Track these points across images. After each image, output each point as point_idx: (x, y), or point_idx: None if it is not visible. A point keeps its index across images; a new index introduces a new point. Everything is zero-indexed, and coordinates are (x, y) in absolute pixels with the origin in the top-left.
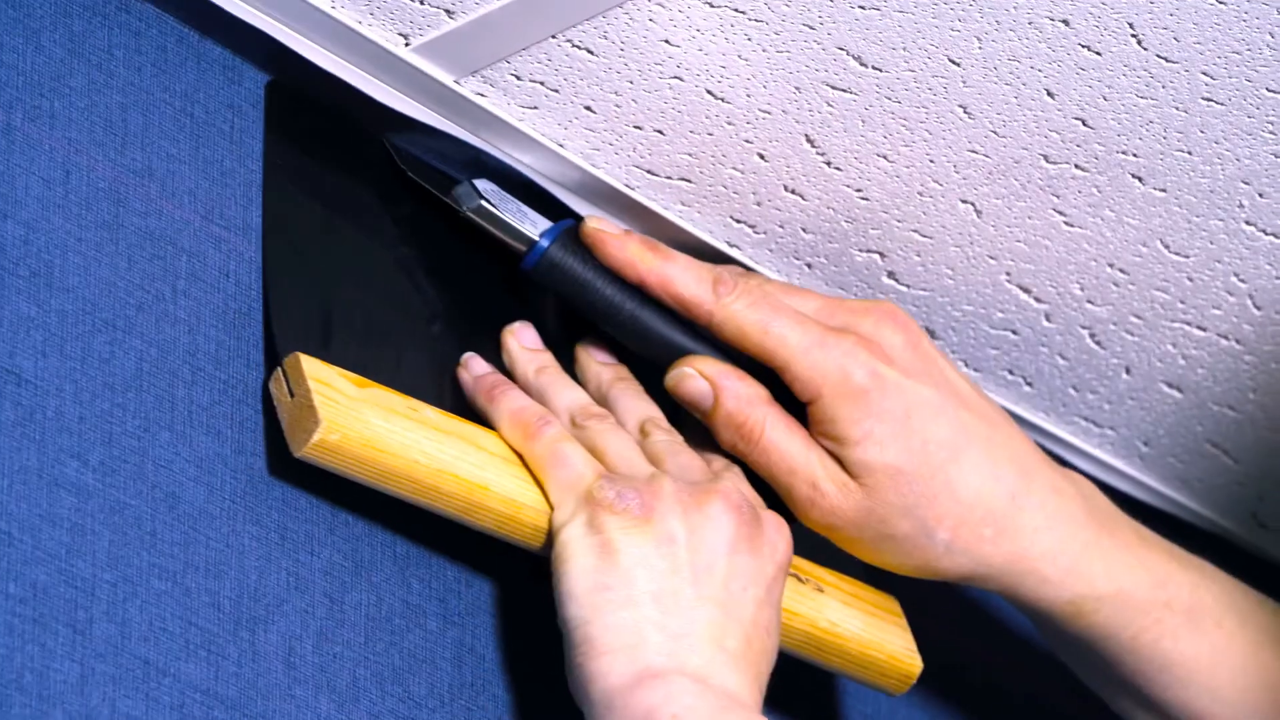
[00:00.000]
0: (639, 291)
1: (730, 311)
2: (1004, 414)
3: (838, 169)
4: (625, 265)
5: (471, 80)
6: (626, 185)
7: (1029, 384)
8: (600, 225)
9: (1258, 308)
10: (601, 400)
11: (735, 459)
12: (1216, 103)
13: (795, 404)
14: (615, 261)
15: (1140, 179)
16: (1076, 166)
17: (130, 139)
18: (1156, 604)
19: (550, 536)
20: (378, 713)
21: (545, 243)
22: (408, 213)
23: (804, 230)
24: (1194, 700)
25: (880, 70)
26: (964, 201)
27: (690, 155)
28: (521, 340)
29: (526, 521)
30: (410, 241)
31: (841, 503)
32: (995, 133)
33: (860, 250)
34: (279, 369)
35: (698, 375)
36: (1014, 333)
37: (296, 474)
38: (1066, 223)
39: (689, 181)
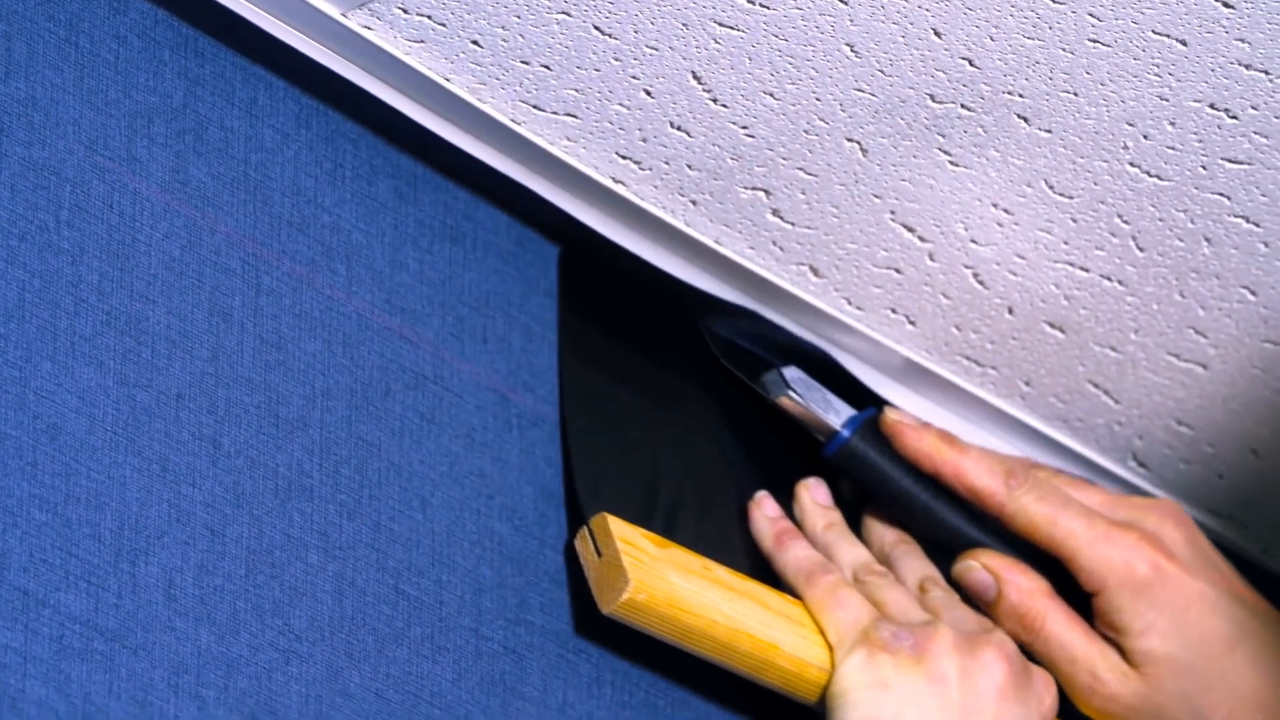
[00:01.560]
0: (933, 482)
1: (1021, 504)
2: (1275, 611)
3: (724, 106)
4: (922, 457)
5: (358, 14)
6: (512, 120)
7: (912, 323)
8: (900, 417)
9: (1140, 249)
10: (884, 560)
11: None
12: (1103, 44)
13: (1074, 598)
14: (913, 452)
15: (1026, 119)
16: (962, 106)
17: (14, 69)
18: None
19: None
20: (257, 645)
21: (846, 433)
22: (709, 387)
23: (689, 167)
24: None
25: (767, 8)
26: (849, 140)
27: (576, 91)
28: (815, 496)
29: (810, 679)
30: (710, 414)
31: (1121, 690)
32: (882, 71)
33: (745, 188)
34: (585, 528)
35: (981, 568)
36: (898, 271)
37: (175, 407)
38: (952, 162)
39: (575, 117)
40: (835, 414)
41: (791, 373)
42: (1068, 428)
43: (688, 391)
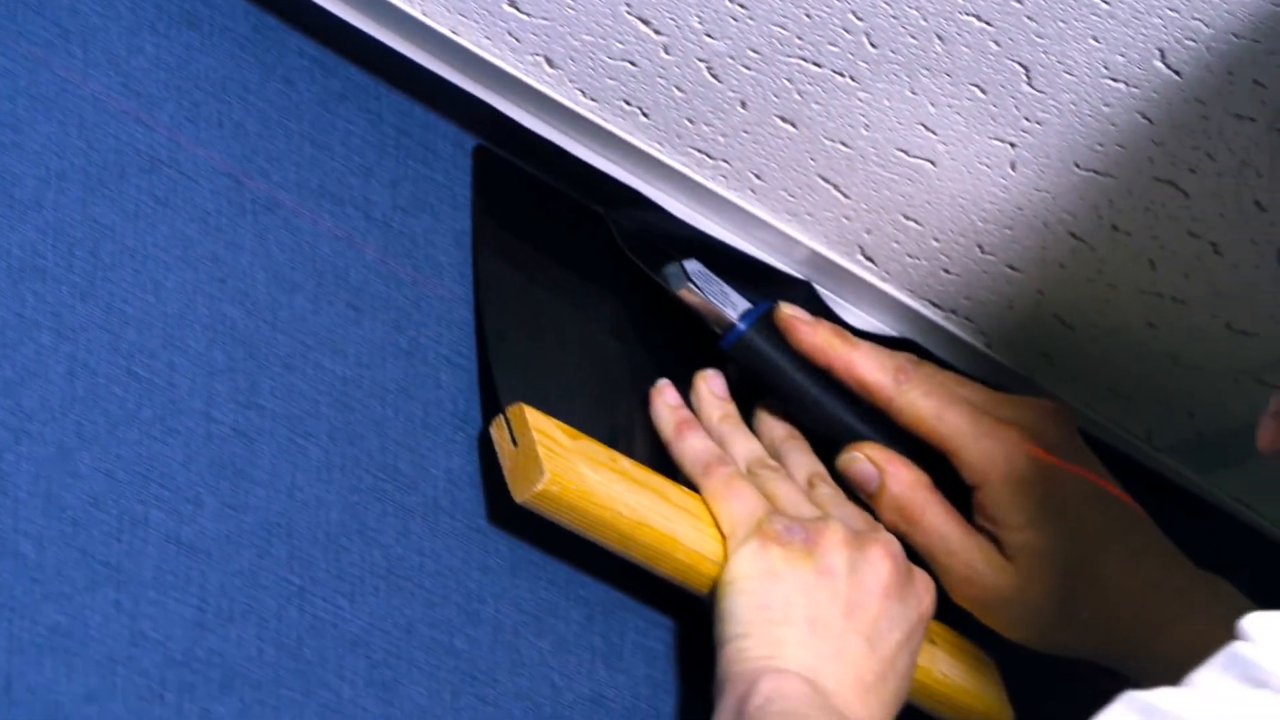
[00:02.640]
0: (825, 377)
1: (909, 399)
2: (1146, 515)
3: None
4: (814, 350)
5: None
6: None
7: (645, 115)
8: (794, 312)
9: (873, 45)
10: (774, 454)
11: None
12: None
13: (955, 494)
14: (806, 346)
15: None
16: None
17: None
18: None
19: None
20: None
21: (743, 326)
22: (616, 279)
23: None
24: None
25: None
26: None
27: None
28: (712, 387)
29: (703, 571)
30: (617, 306)
31: (996, 581)
32: None
33: None
34: (501, 416)
35: (865, 459)
36: (632, 64)
37: None
38: None
39: None
40: (732, 307)
41: (692, 265)
42: (797, 221)
43: (597, 284)
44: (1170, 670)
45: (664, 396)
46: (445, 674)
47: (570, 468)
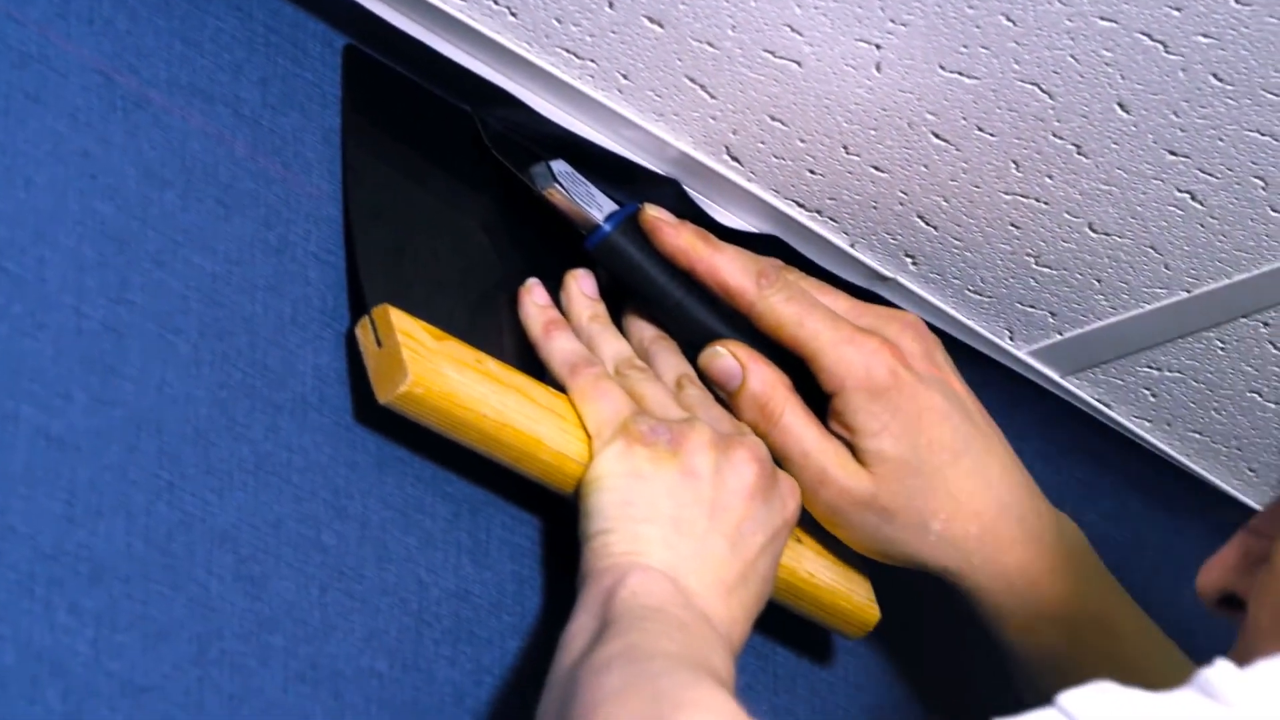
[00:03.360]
0: (688, 278)
1: (770, 304)
2: (1000, 434)
3: None
4: (678, 252)
5: None
6: None
7: (513, 14)
8: (658, 214)
9: None
10: (643, 356)
11: None
12: None
13: (814, 401)
14: (669, 248)
15: None
16: None
17: None
18: (1099, 651)
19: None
20: None
21: (607, 227)
22: (486, 180)
23: None
24: None
25: None
26: None
27: None
28: (582, 286)
29: (568, 472)
30: (486, 206)
31: (850, 487)
32: None
33: None
34: (366, 317)
35: (729, 355)
36: None
37: None
38: None
39: None
40: (598, 208)
41: (559, 165)
42: (664, 121)
43: (466, 184)
44: (1007, 591)
45: (532, 296)
46: (312, 569)
47: (434, 370)
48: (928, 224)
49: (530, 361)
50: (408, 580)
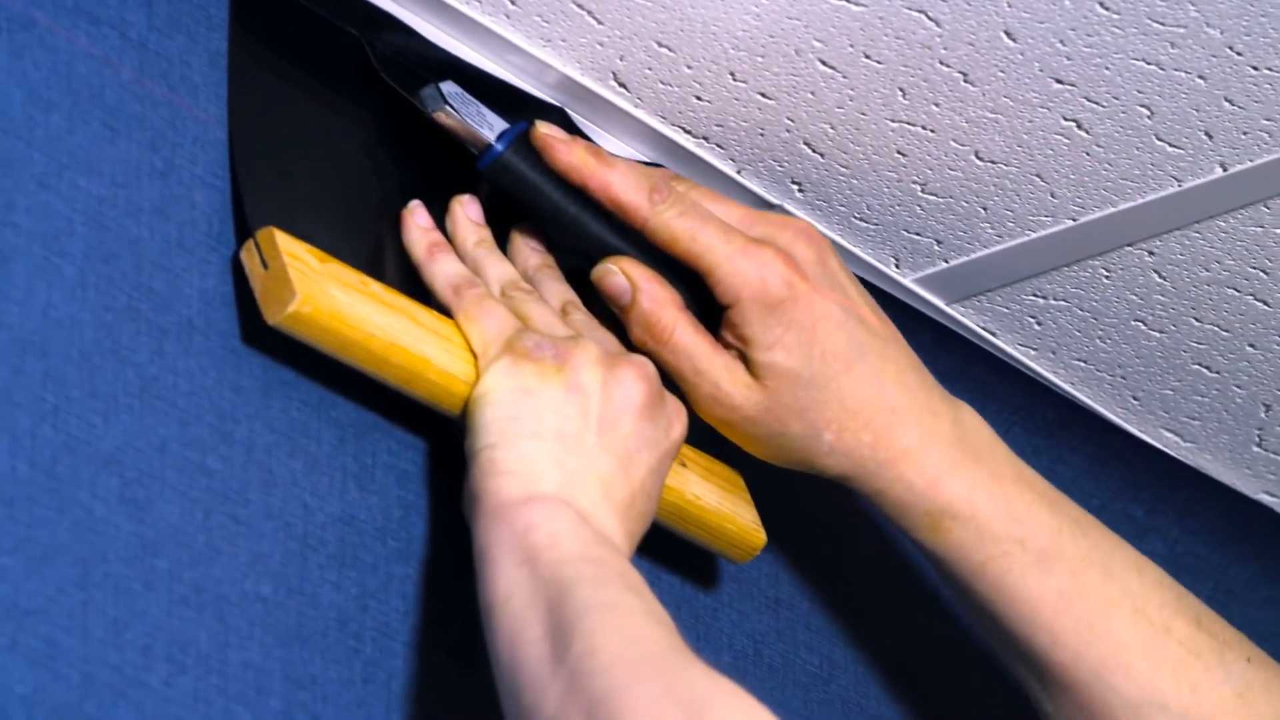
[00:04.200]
0: (581, 196)
1: (664, 219)
2: (898, 335)
3: None
4: (570, 169)
5: None
6: None
7: None
8: (550, 131)
9: None
10: (527, 281)
11: None
12: None
13: (708, 315)
14: (561, 165)
15: None
16: None
17: None
18: (1010, 537)
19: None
20: None
21: (500, 147)
22: (370, 103)
23: None
24: (1035, 639)
25: None
26: None
27: None
28: (467, 211)
29: (455, 392)
30: (370, 130)
31: (743, 401)
32: None
33: None
34: (251, 240)
35: (620, 273)
36: None
37: None
38: None
39: None
40: (489, 128)
41: (449, 87)
42: (551, 47)
43: (352, 108)
44: (909, 492)
45: (415, 218)
46: (198, 493)
47: (321, 290)
48: (814, 151)
49: (413, 286)
50: (293, 505)
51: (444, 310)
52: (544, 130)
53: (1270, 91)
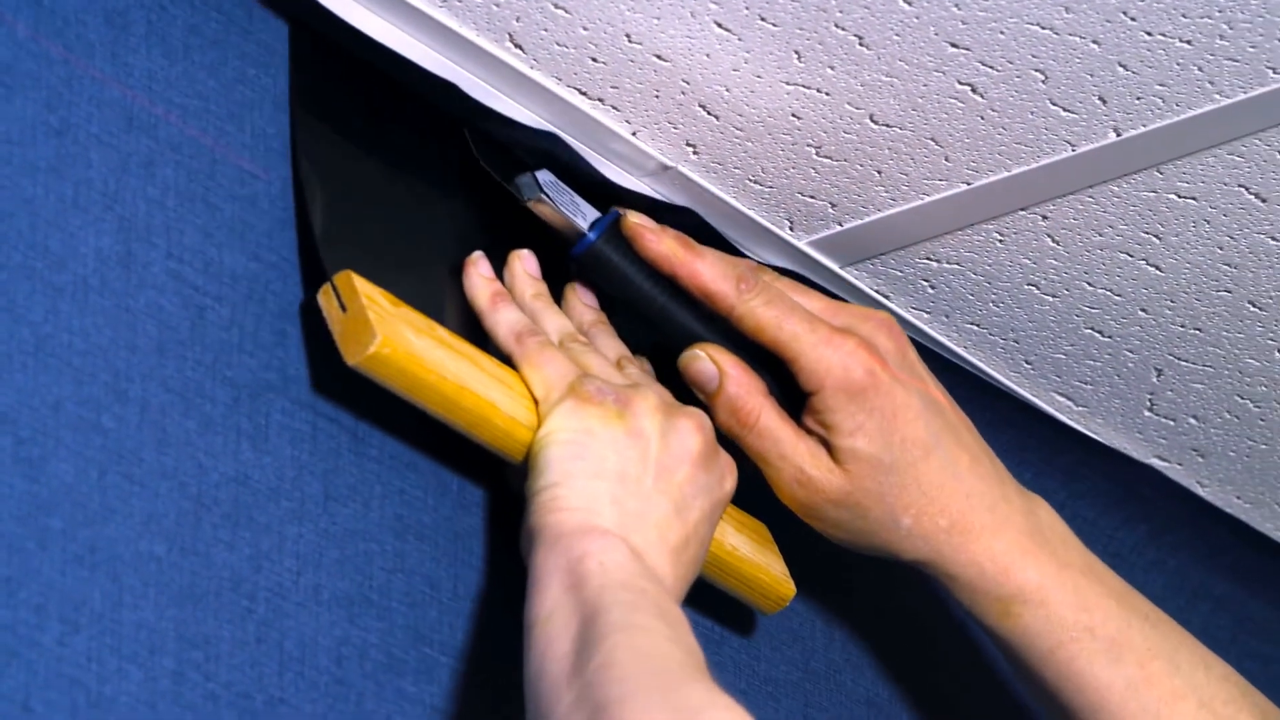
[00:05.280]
0: (670, 284)
1: (750, 307)
2: (971, 425)
3: None
4: (660, 258)
5: None
6: None
7: None
8: (640, 220)
9: None
10: (583, 335)
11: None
12: None
13: (792, 401)
14: (651, 254)
15: None
16: None
17: None
18: (1079, 625)
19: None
20: None
21: (593, 236)
22: (430, 156)
23: None
24: None
25: None
26: None
27: None
28: (526, 265)
29: (518, 438)
30: (431, 183)
31: (826, 485)
32: None
33: None
34: (329, 284)
35: (708, 359)
36: None
37: None
38: None
39: None
40: (583, 217)
41: (544, 176)
42: (447, 8)
43: (413, 161)
44: (981, 578)
45: (478, 268)
46: (92, 452)
47: (398, 332)
48: (709, 113)
49: (473, 334)
50: (187, 464)
51: (503, 359)
52: (634, 220)
53: (1164, 56)
